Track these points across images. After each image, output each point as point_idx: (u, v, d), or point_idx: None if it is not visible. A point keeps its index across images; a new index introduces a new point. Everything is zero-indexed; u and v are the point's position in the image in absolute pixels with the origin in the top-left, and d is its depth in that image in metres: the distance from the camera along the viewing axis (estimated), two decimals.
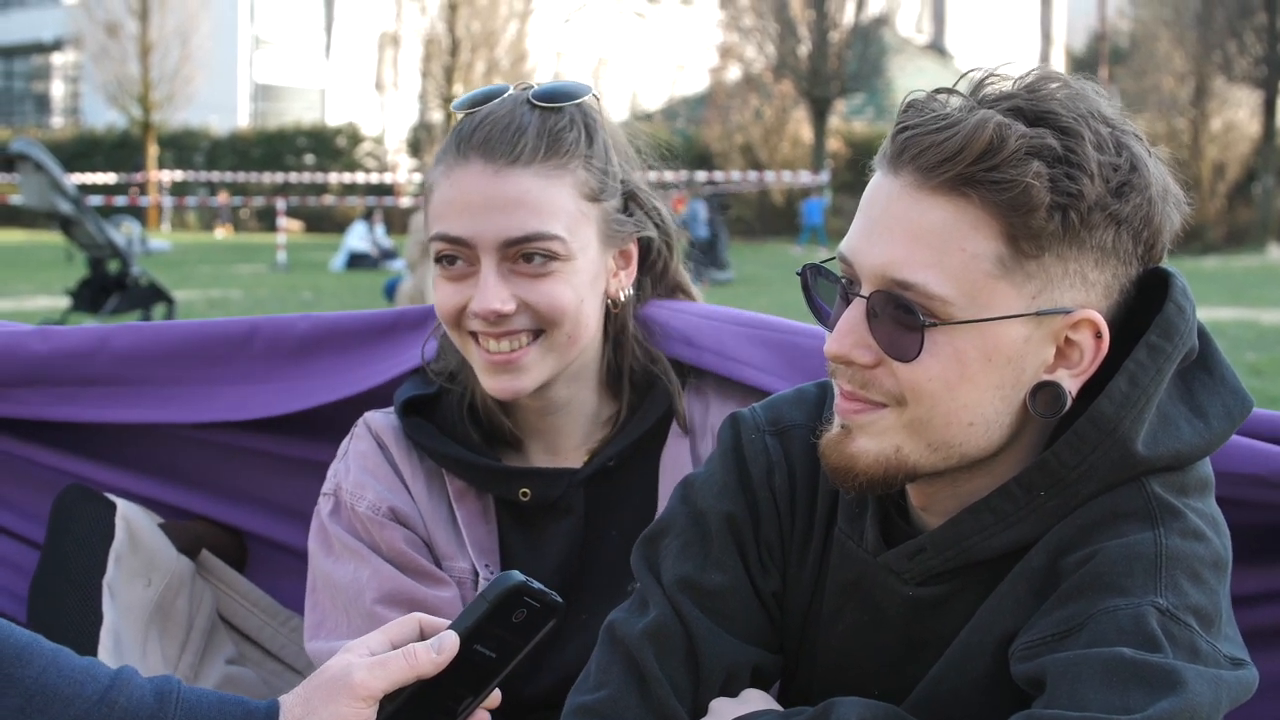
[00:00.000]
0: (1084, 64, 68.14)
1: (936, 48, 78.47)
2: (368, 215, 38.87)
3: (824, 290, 2.42)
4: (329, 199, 55.89)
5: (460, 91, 57.65)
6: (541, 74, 62.87)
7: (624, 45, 70.95)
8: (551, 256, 2.91)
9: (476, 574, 3.06)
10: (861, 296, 2.29)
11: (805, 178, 49.53)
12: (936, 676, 2.41)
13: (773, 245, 49.97)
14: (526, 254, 2.90)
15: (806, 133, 58.98)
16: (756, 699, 2.51)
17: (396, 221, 44.97)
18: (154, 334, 3.55)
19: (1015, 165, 2.17)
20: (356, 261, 36.55)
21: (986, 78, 2.30)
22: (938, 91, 2.32)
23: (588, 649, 2.74)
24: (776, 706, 2.49)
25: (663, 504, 3.06)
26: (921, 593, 2.44)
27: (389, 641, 2.24)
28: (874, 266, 2.26)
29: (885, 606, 2.49)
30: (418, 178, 51.10)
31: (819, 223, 46.91)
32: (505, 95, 3.00)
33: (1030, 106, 2.23)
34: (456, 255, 2.93)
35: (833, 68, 57.18)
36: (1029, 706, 2.22)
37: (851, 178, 54.14)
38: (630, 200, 3.09)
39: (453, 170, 2.94)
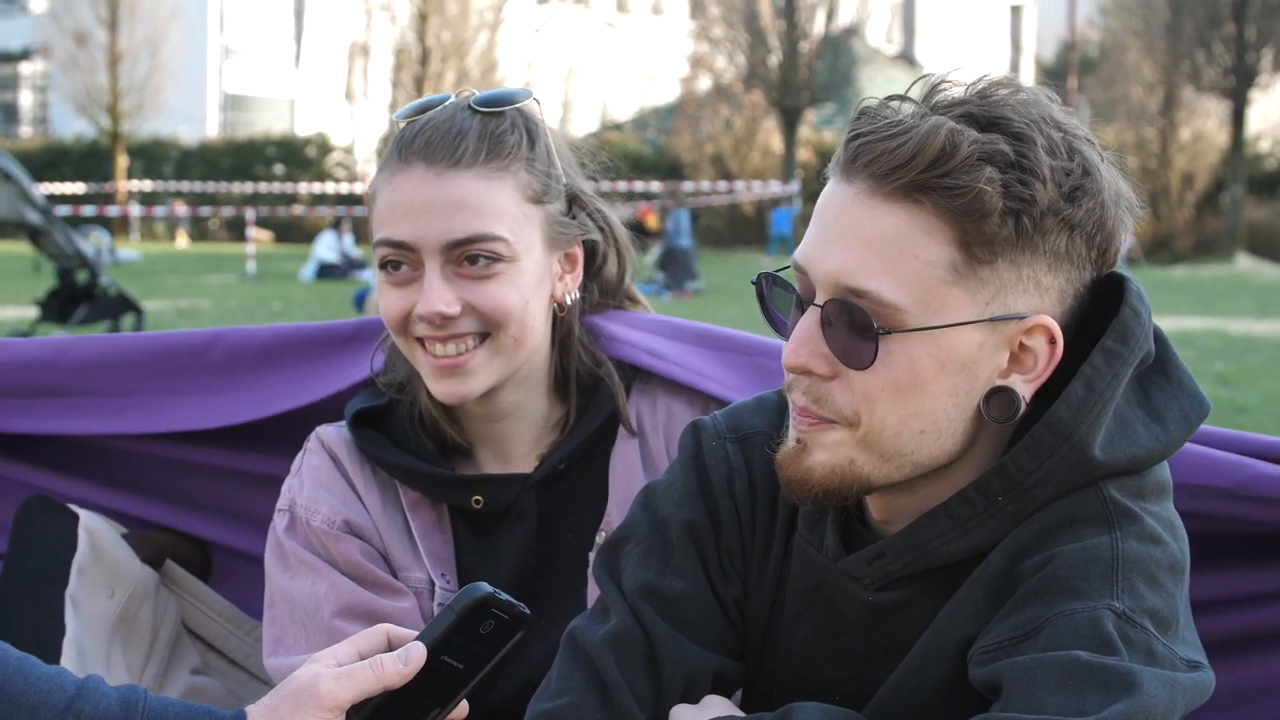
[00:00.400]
0: (1053, 74, 68.32)
1: (906, 58, 78.57)
2: (336, 225, 38.76)
3: (779, 299, 2.42)
4: (299, 209, 55.76)
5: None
6: (512, 84, 62.82)
7: (594, 55, 70.99)
8: (495, 258, 2.92)
9: (433, 584, 3.06)
10: (816, 305, 2.29)
11: (775, 187, 49.61)
12: (896, 681, 2.42)
13: (742, 255, 49.93)
14: (470, 256, 2.91)
15: (777, 142, 59.03)
16: (718, 706, 2.51)
17: (365, 232, 44.84)
18: (112, 345, 3.55)
19: (968, 171, 2.17)
20: (326, 272, 36.48)
21: (939, 84, 2.31)
22: (890, 98, 2.32)
23: (548, 654, 2.74)
24: (738, 713, 2.50)
25: (613, 505, 3.09)
26: (881, 598, 2.45)
27: (356, 652, 2.24)
28: (827, 275, 2.27)
29: (845, 612, 2.50)
30: None
31: (788, 232, 46.95)
32: (447, 103, 3.02)
33: (982, 112, 2.23)
34: (400, 260, 2.94)
35: (803, 78, 57.22)
36: (987, 710, 2.23)
37: (821, 187, 54.22)
38: (574, 203, 3.10)
39: (395, 176, 2.95)
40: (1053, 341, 2.29)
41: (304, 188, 54.34)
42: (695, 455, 2.66)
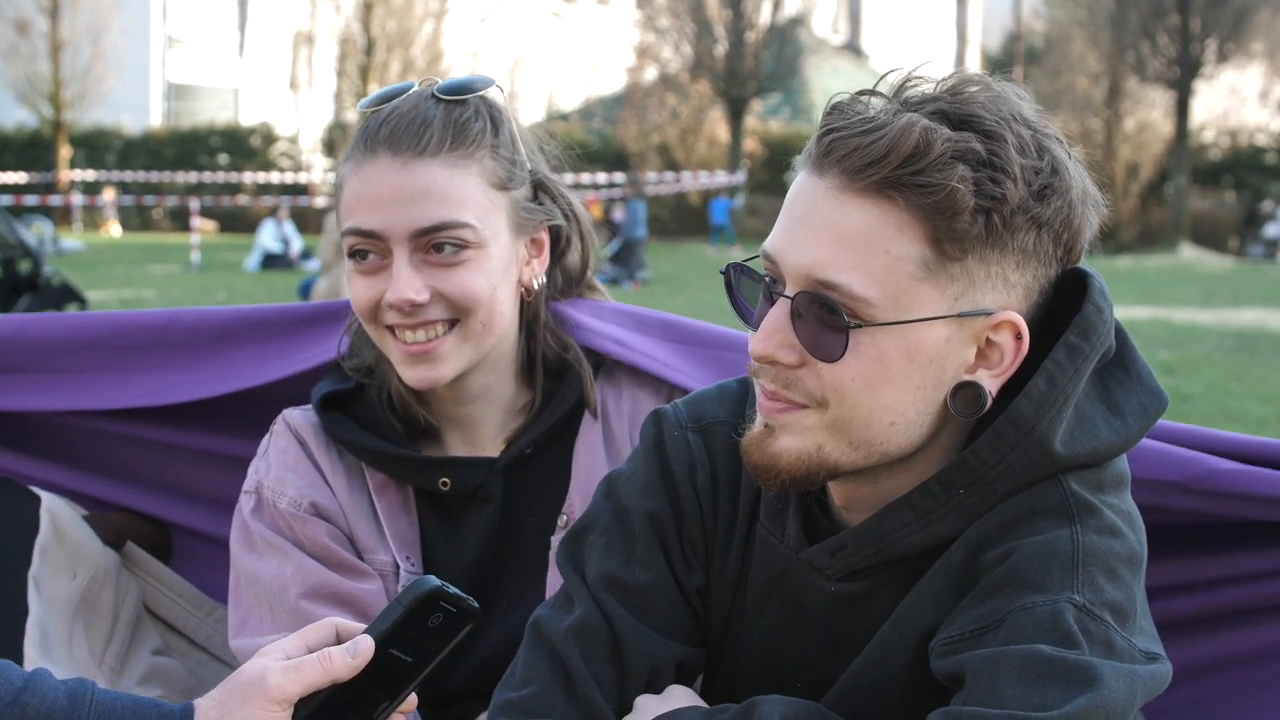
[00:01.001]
0: (999, 64, 68.42)
1: (852, 48, 78.77)
2: (274, 213, 38.62)
3: (747, 289, 2.43)
4: (243, 199, 55.55)
5: (376, 90, 57.57)
6: (458, 74, 62.74)
7: (540, 45, 70.95)
8: (463, 245, 2.93)
9: (398, 566, 3.07)
10: (786, 297, 2.30)
11: (722, 178, 49.66)
12: (857, 671, 2.44)
13: (689, 245, 50.05)
14: (438, 243, 2.92)
15: (723, 132, 59.07)
16: (681, 695, 2.53)
17: (311, 221, 44.73)
18: (71, 323, 3.54)
19: (941, 169, 2.19)
20: (271, 261, 36.35)
21: (908, 80, 2.31)
22: (861, 93, 2.33)
23: (510, 636, 2.80)
24: (700, 703, 2.51)
25: (574, 490, 3.10)
26: (843, 588, 2.47)
27: (305, 645, 2.23)
28: (798, 267, 2.27)
29: (808, 602, 2.52)
30: (333, 177, 51.02)
31: (725, 222, 47.01)
32: (410, 92, 3.03)
33: (954, 110, 2.25)
34: (369, 249, 2.95)
35: (749, 68, 57.29)
36: (948, 701, 2.25)
37: (768, 177, 54.42)
38: (539, 189, 3.11)
39: (361, 166, 2.95)
40: (1019, 337, 2.31)
41: (248, 177, 54.16)
42: (657, 445, 2.67)
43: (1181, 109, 53.98)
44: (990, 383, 2.32)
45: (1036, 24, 70.36)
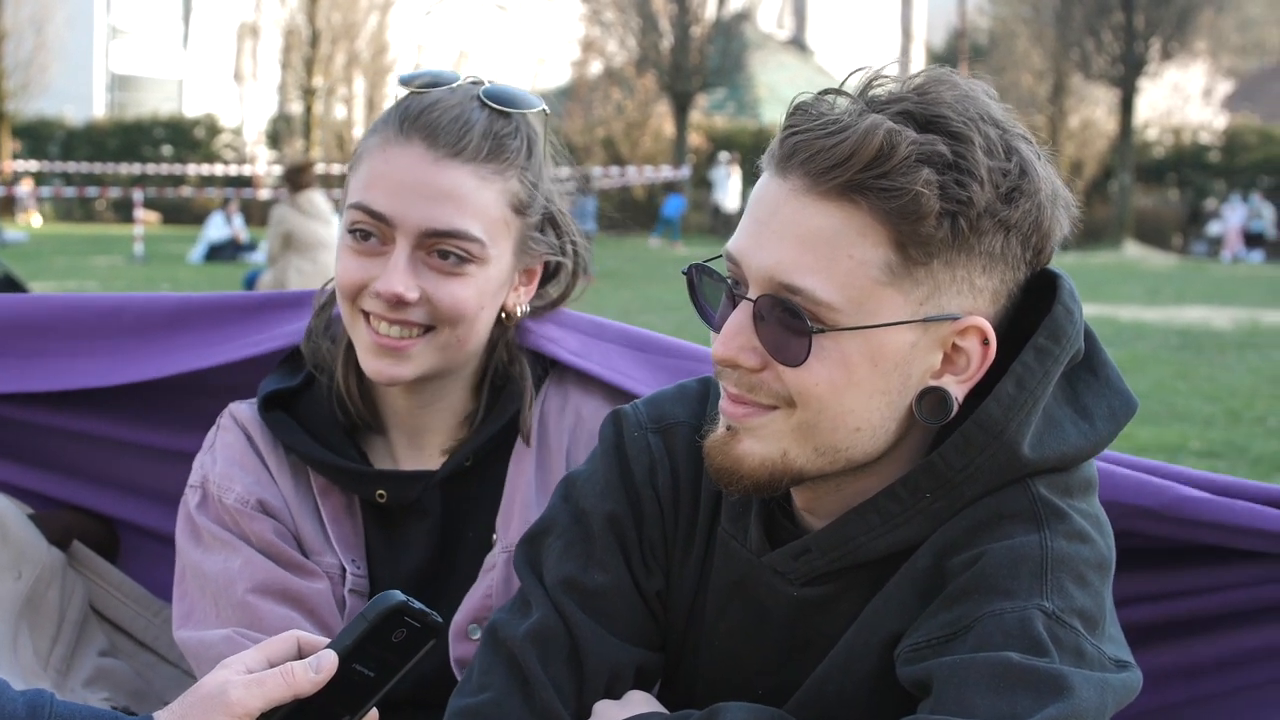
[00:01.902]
0: (944, 61, 68.37)
1: (797, 43, 78.84)
2: (224, 205, 38.45)
3: (709, 290, 2.40)
4: (187, 190, 55.30)
5: (320, 83, 58.06)
6: (402, 66, 62.59)
7: (485, 38, 70.75)
8: (467, 258, 2.89)
9: (344, 569, 3.03)
10: (748, 299, 2.27)
11: (667, 172, 49.61)
12: (821, 677, 2.41)
13: (634, 240, 49.97)
14: (442, 250, 2.88)
15: (668, 127, 59.03)
16: (640, 701, 2.50)
17: (255, 214, 44.52)
18: (20, 304, 3.49)
19: (905, 173, 2.15)
20: (215, 253, 36.18)
21: (874, 79, 2.28)
22: (825, 92, 2.29)
23: (446, 649, 2.78)
24: (660, 708, 2.49)
25: (502, 513, 3.05)
26: (806, 593, 2.44)
27: (266, 659, 2.20)
28: (761, 269, 2.24)
29: (769, 606, 2.49)
30: (277, 170, 50.71)
31: (674, 218, 47.00)
32: (455, 85, 2.98)
33: (920, 110, 2.21)
34: (371, 231, 2.90)
35: (694, 62, 57.25)
36: (914, 707, 2.23)
37: (712, 172, 54.32)
38: (550, 223, 3.07)
39: (390, 145, 2.90)
40: (986, 343, 2.28)
41: (192, 169, 53.82)
42: (616, 446, 2.64)
43: (1126, 106, 54.16)
44: (956, 389, 2.29)
45: (981, 20, 70.56)
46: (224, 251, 36.34)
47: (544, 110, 3.05)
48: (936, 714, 2.14)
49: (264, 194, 47.86)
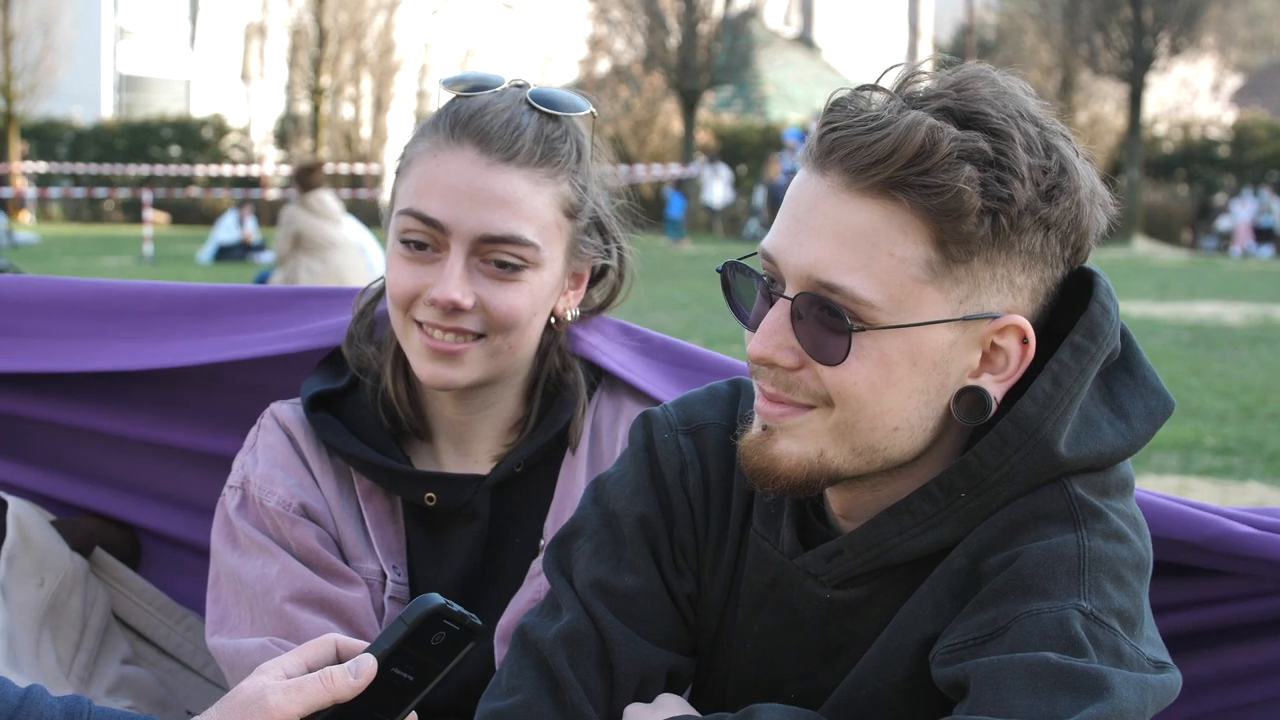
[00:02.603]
0: (951, 57, 68.14)
1: (805, 40, 78.76)
2: (239, 206, 38.44)
3: (743, 288, 2.37)
4: (195, 191, 55.31)
5: (328, 83, 58.04)
6: (410, 65, 62.63)
7: (492, 36, 70.73)
8: (521, 264, 2.88)
9: (384, 575, 3.00)
10: (786, 297, 2.25)
11: (675, 170, 49.60)
12: (855, 680, 2.39)
13: (641, 237, 49.92)
14: (497, 256, 2.86)
15: (676, 125, 59.00)
16: (672, 705, 2.48)
17: (263, 214, 44.51)
18: (48, 286, 3.46)
19: (947, 170, 2.13)
20: (224, 254, 36.18)
21: (911, 75, 2.25)
22: (863, 88, 2.27)
23: (491, 654, 2.77)
24: (692, 712, 2.47)
25: (551, 517, 3.04)
26: (839, 595, 2.42)
27: (304, 663, 2.19)
28: (799, 267, 2.22)
29: (802, 608, 2.47)
30: (285, 169, 50.69)
31: (677, 217, 46.94)
32: (503, 88, 2.96)
33: (960, 107, 2.19)
34: (425, 239, 2.88)
35: (702, 60, 57.20)
36: (949, 710, 2.21)
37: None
38: (598, 226, 3.05)
39: (442, 150, 2.88)
40: (1025, 341, 2.26)
41: (200, 169, 53.86)
42: (647, 448, 2.62)
43: (1134, 102, 54.08)
44: (995, 388, 2.27)
45: (988, 16, 70.51)
46: (233, 252, 36.35)
47: (591, 113, 3.02)
48: (975, 715, 2.12)
49: (272, 194, 47.89)
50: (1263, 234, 49.56)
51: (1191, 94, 61.66)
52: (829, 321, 2.20)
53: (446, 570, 3.03)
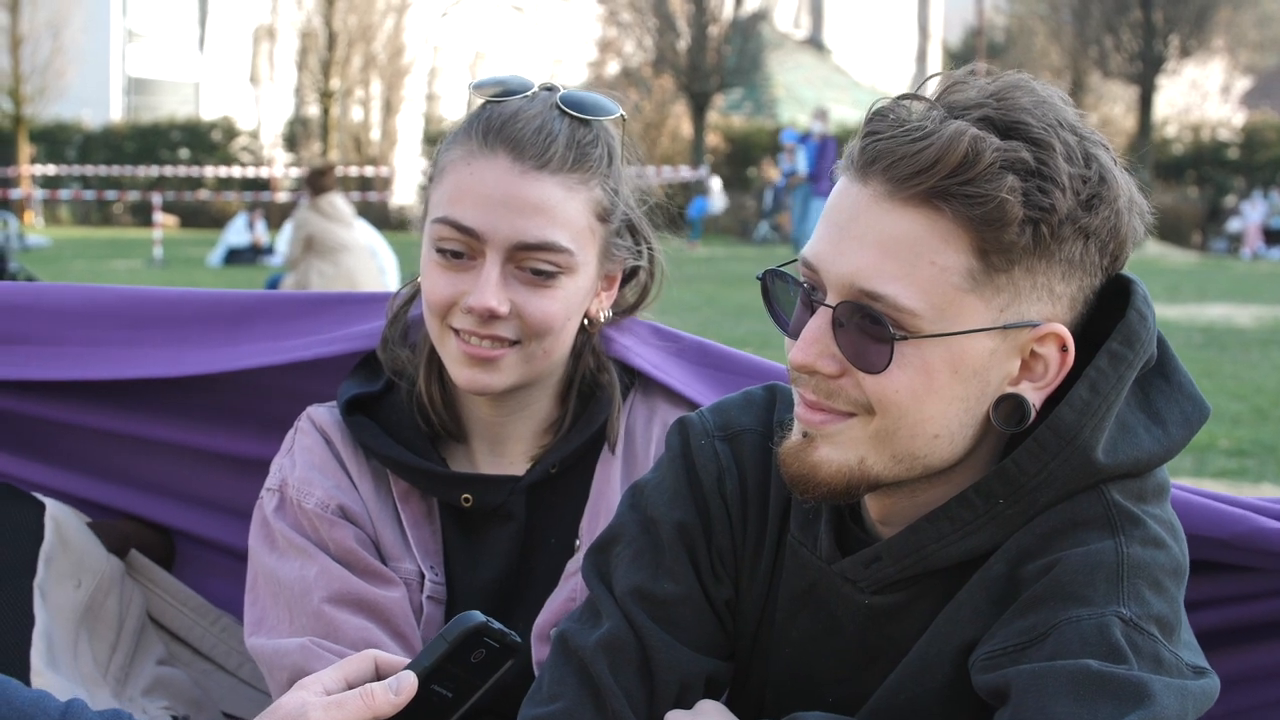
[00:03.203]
0: (961, 59, 68.60)
1: (814, 42, 78.77)
2: (250, 209, 38.44)
3: (782, 294, 2.37)
4: (204, 194, 55.36)
5: (337, 86, 58.11)
6: (419, 68, 62.66)
7: (502, 39, 70.78)
8: (556, 270, 2.89)
9: (422, 576, 3.01)
10: (827, 306, 2.26)
11: (685, 173, 49.64)
12: (893, 686, 2.40)
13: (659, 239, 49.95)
14: (533, 263, 2.87)
15: (686, 127, 58.99)
16: (711, 710, 2.49)
17: (273, 217, 44.54)
18: (86, 294, 3.47)
19: (990, 180, 2.15)
20: (234, 257, 36.19)
21: (952, 85, 2.27)
22: (903, 98, 2.29)
23: (527, 655, 2.79)
24: (732, 717, 2.48)
25: (587, 519, 3.06)
26: (877, 601, 2.43)
27: (345, 679, 2.20)
28: (841, 275, 2.23)
29: (840, 614, 2.48)
30: (294, 172, 50.71)
31: (695, 218, 46.98)
32: (533, 92, 2.97)
33: (1001, 116, 2.20)
34: (461, 248, 2.88)
35: (711, 62, 57.16)
36: (986, 715, 2.22)
37: (730, 173, 54.38)
38: (630, 228, 3.06)
39: (475, 159, 2.89)
40: (1064, 349, 2.27)
41: (209, 172, 53.91)
42: (684, 454, 2.63)
43: (1144, 104, 54.05)
44: (1034, 395, 2.28)
45: (998, 18, 70.54)
46: (243, 255, 36.35)
47: (621, 116, 3.03)
48: None
49: (281, 197, 47.91)
50: (1273, 236, 49.48)
51: (1201, 96, 61.65)
52: (871, 330, 2.21)
53: (483, 570, 3.04)
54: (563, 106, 2.94)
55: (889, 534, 2.41)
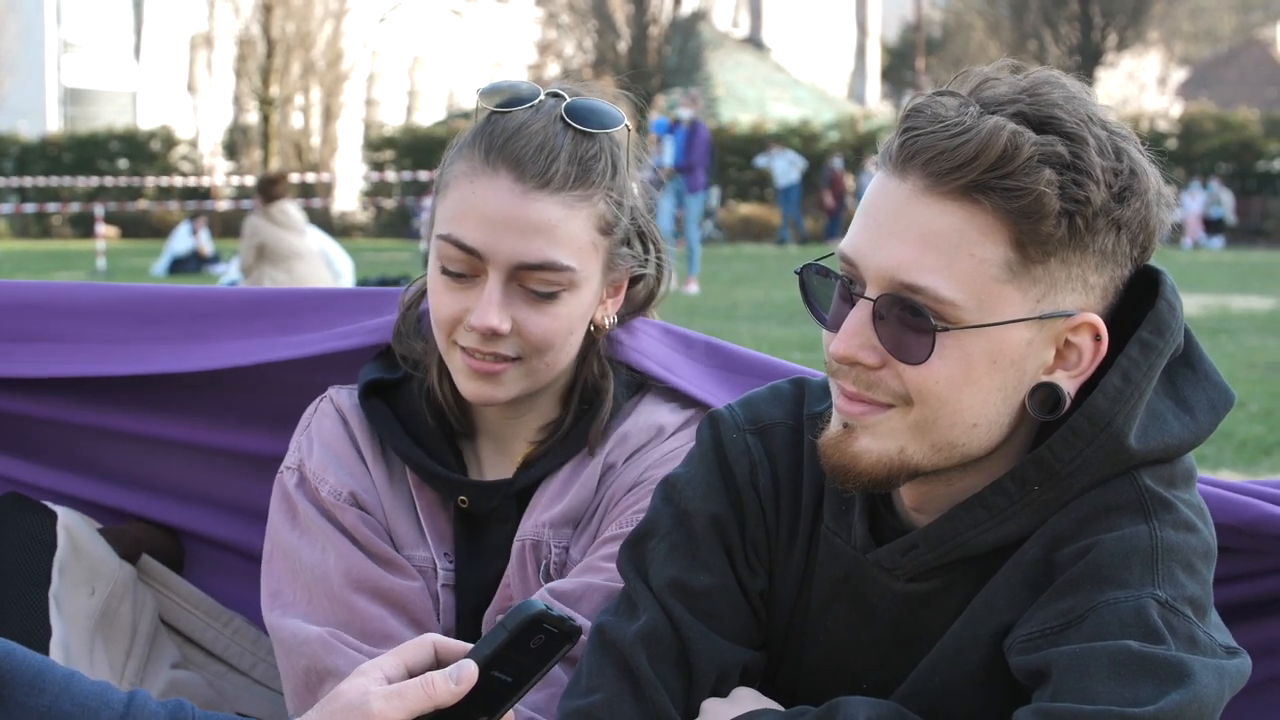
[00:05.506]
0: (899, 55, 68.88)
1: (754, 41, 78.68)
2: (193, 218, 38.24)
3: (819, 288, 2.42)
4: (145, 203, 55.02)
5: (276, 93, 57.78)
6: (359, 73, 62.42)
7: (440, 43, 70.61)
8: (558, 289, 2.89)
9: (435, 564, 3.04)
10: (868, 298, 2.30)
11: None
12: (928, 669, 2.45)
13: None
14: (534, 283, 2.88)
15: None
16: (748, 698, 2.53)
17: (214, 225, 44.27)
18: (98, 291, 3.52)
19: (1028, 173, 2.20)
20: (178, 266, 35.98)
21: (984, 81, 2.32)
22: (938, 94, 2.33)
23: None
24: (770, 704, 2.52)
25: (562, 510, 3.05)
26: (913, 588, 2.48)
27: (404, 665, 2.21)
28: (881, 269, 2.28)
29: (875, 602, 2.52)
30: (235, 180, 50.52)
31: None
32: (538, 102, 2.94)
33: (1034, 111, 2.26)
34: (464, 267, 2.89)
35: (652, 63, 57.28)
36: (1023, 698, 2.27)
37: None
38: (638, 236, 3.07)
39: (478, 177, 2.89)
40: (1097, 338, 2.32)
41: (150, 182, 53.62)
42: (716, 448, 2.66)
43: None
44: (1068, 384, 2.33)
45: (935, 14, 70.78)
46: (187, 264, 36.15)
47: (627, 127, 3.02)
48: (1058, 702, 2.18)
49: (223, 205, 47.69)
50: (1213, 225, 49.78)
51: (1139, 88, 62.00)
52: (912, 322, 2.26)
53: (485, 569, 3.07)
54: (567, 119, 2.93)
55: (923, 522, 2.46)
